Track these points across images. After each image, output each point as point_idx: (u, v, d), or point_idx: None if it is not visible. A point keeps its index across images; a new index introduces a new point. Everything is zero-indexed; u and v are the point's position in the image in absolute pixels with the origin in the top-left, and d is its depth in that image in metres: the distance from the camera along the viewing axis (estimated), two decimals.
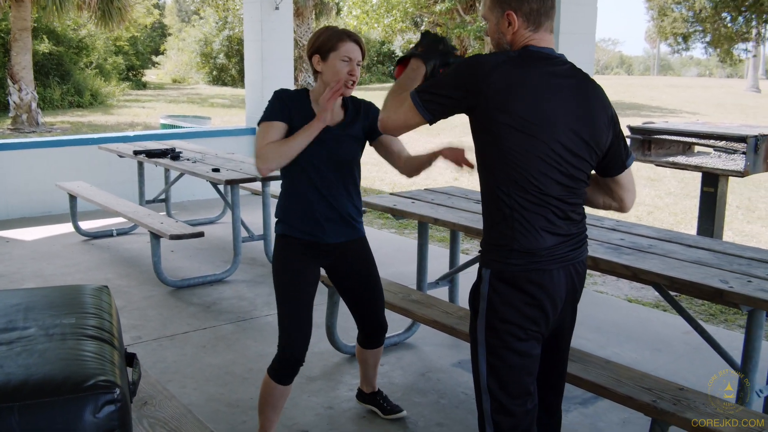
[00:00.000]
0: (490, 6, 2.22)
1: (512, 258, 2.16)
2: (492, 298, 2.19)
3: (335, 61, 2.78)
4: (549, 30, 2.21)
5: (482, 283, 2.23)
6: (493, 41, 2.25)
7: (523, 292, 2.17)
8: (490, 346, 2.22)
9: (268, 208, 5.79)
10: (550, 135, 2.10)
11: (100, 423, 1.32)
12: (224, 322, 4.67)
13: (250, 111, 8.94)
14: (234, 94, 29.66)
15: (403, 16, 29.02)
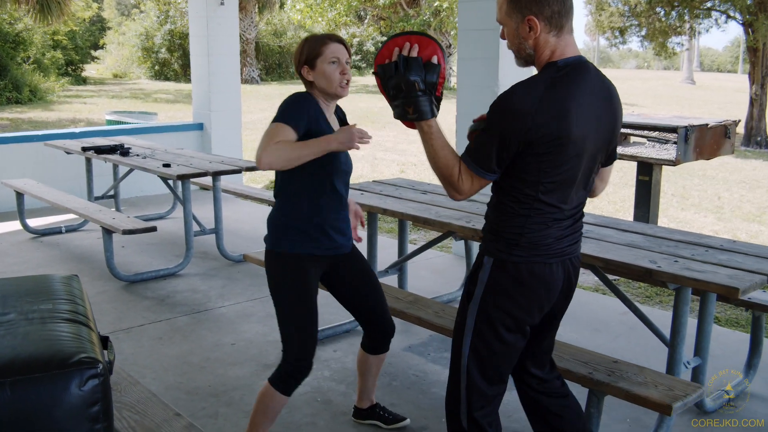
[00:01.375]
0: (507, 11, 2.20)
1: (517, 250, 2.22)
2: (490, 285, 2.26)
3: (324, 66, 2.74)
4: (570, 30, 2.22)
5: (482, 269, 2.29)
6: (513, 46, 2.25)
7: (522, 284, 2.24)
8: (478, 331, 2.29)
9: (219, 203, 5.87)
10: (584, 152, 2.18)
11: (85, 395, 1.45)
12: (179, 315, 4.75)
13: (197, 106, 8.97)
14: (178, 89, 29.34)
15: (347, 9, 29.09)
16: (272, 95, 27.44)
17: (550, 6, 2.14)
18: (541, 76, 2.16)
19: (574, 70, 2.16)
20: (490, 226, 2.32)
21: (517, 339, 2.32)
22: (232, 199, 8.16)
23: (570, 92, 2.13)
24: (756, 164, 13.88)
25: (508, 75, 5.57)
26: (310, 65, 2.77)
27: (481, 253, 2.33)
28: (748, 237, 7.88)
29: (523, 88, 2.14)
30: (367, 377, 3.28)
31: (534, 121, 2.08)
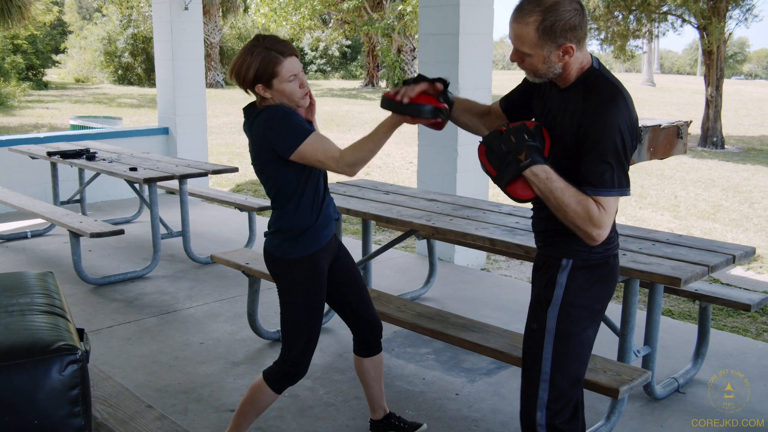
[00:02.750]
0: (537, 43, 2.18)
1: (596, 247, 2.27)
2: (571, 286, 2.29)
3: (282, 85, 2.62)
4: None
5: (560, 271, 2.31)
6: (538, 71, 2.25)
7: (602, 278, 2.32)
8: (561, 333, 2.30)
9: (186, 205, 5.95)
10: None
11: (65, 380, 1.55)
12: (147, 316, 4.83)
13: (162, 110, 9.01)
14: (142, 94, 29.17)
15: (311, 13, 29.19)
16: (237, 99, 27.40)
17: (582, 29, 2.19)
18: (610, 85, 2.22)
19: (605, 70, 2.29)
20: (558, 228, 2.30)
21: (595, 332, 2.38)
22: (199, 203, 8.22)
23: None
24: (712, 164, 14.26)
25: (469, 79, 5.74)
26: (266, 84, 2.63)
27: (555, 257, 2.33)
28: (702, 233, 8.14)
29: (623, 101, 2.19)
30: (371, 384, 3.18)
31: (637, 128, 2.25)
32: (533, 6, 2.17)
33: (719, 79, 16.83)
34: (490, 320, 4.64)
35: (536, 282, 2.41)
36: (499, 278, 5.91)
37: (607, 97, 2.17)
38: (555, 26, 2.14)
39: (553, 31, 2.15)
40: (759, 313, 5.31)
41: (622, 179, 2.17)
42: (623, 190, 2.18)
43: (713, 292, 3.92)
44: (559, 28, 2.15)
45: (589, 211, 2.15)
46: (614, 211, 2.19)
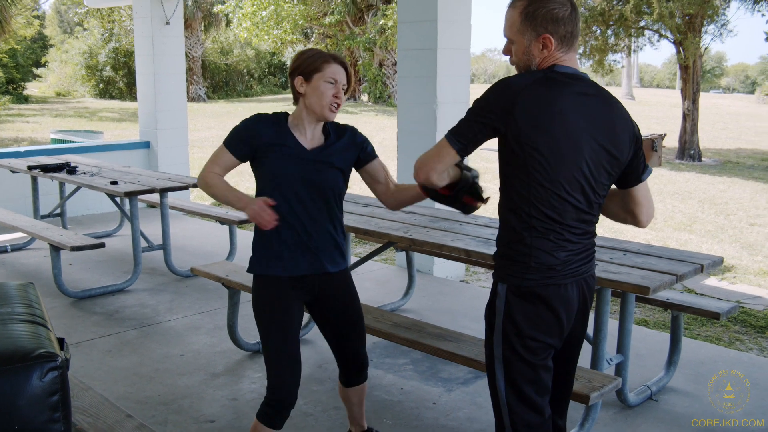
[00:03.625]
0: (520, 28, 2.18)
1: (529, 273, 2.19)
2: (508, 313, 2.21)
3: (320, 83, 2.66)
4: (575, 49, 2.24)
5: (497, 297, 2.25)
6: (520, 62, 2.23)
7: (539, 306, 2.20)
8: (507, 359, 2.24)
9: (167, 219, 5.98)
10: (577, 155, 2.13)
11: (46, 386, 1.60)
12: (128, 329, 4.85)
13: (144, 124, 9.04)
14: (123, 108, 29.12)
15: (293, 27, 29.30)
16: (219, 113, 27.43)
17: (565, 26, 2.16)
18: (535, 73, 2.18)
19: (569, 77, 2.16)
20: (499, 253, 2.30)
21: (545, 359, 2.27)
22: (180, 216, 8.24)
23: (557, 92, 2.12)
24: (689, 176, 14.45)
25: (447, 93, 5.83)
26: (306, 77, 2.68)
27: (494, 281, 2.30)
28: (678, 245, 8.26)
29: (517, 75, 2.18)
30: (351, 407, 3.17)
31: (515, 103, 2.09)
32: None
33: (696, 92, 17.09)
34: (467, 331, 4.69)
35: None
36: (477, 290, 5.98)
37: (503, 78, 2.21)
38: (537, 13, 2.15)
39: (535, 18, 2.15)
40: (732, 322, 5.41)
41: (459, 128, 2.19)
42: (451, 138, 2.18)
43: (685, 302, 4.01)
44: (541, 16, 2.14)
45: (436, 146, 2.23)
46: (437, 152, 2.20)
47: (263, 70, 43.68)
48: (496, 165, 2.43)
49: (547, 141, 2.09)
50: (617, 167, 2.24)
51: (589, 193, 2.19)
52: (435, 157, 2.20)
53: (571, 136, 2.11)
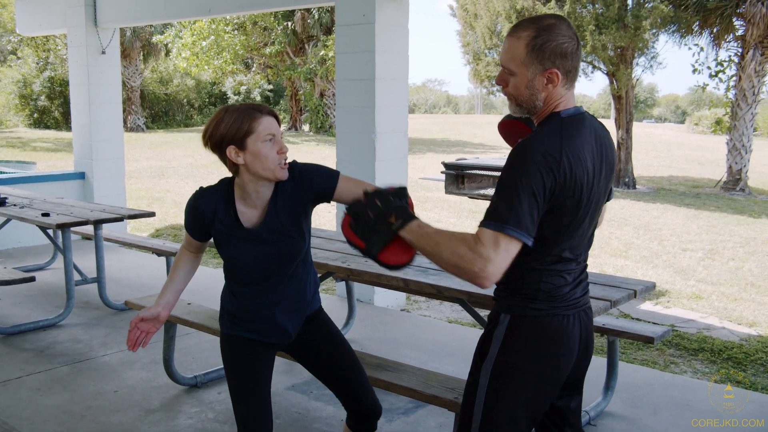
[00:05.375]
0: (524, 61, 2.08)
1: (536, 303, 2.14)
2: (507, 342, 2.15)
3: (258, 145, 2.35)
4: (575, 85, 2.17)
5: (498, 326, 2.18)
6: (520, 96, 2.13)
7: (542, 337, 2.14)
8: (493, 390, 2.17)
9: (101, 251, 5.83)
10: (593, 195, 2.12)
11: None
12: (59, 365, 4.69)
13: (78, 155, 8.85)
14: (59, 138, 28.50)
15: (233, 57, 29.19)
16: (158, 143, 27.08)
17: (572, 61, 2.08)
18: (552, 127, 2.08)
19: (577, 120, 2.10)
20: (503, 284, 2.19)
21: (534, 397, 2.19)
22: (117, 248, 8.07)
23: (581, 143, 2.07)
24: (624, 203, 14.80)
25: (385, 123, 5.87)
26: (239, 145, 2.36)
27: (495, 311, 2.22)
28: (614, 270, 8.43)
29: (539, 140, 2.04)
30: None
31: (560, 170, 1.99)
32: (529, 23, 2.10)
33: (629, 122, 17.59)
34: (408, 360, 4.69)
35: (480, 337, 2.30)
36: (418, 319, 5.99)
37: (524, 141, 2.05)
38: (545, 46, 2.05)
39: (543, 51, 2.05)
40: (666, 345, 5.53)
41: (507, 215, 1.95)
42: (506, 227, 1.94)
43: (620, 327, 4.08)
44: (549, 50, 2.05)
45: (467, 243, 1.96)
46: (500, 247, 1.93)
47: (203, 100, 43.37)
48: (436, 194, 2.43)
49: (578, 192, 2.05)
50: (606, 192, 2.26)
51: (591, 225, 2.21)
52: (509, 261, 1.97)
53: (590, 179, 2.08)
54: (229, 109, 2.41)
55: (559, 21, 2.10)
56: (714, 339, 5.77)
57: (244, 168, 2.40)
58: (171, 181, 16.87)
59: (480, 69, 19.07)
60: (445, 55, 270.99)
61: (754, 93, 17.51)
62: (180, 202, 13.46)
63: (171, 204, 13.17)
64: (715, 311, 6.77)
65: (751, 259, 9.44)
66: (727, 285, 7.92)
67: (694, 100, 67.39)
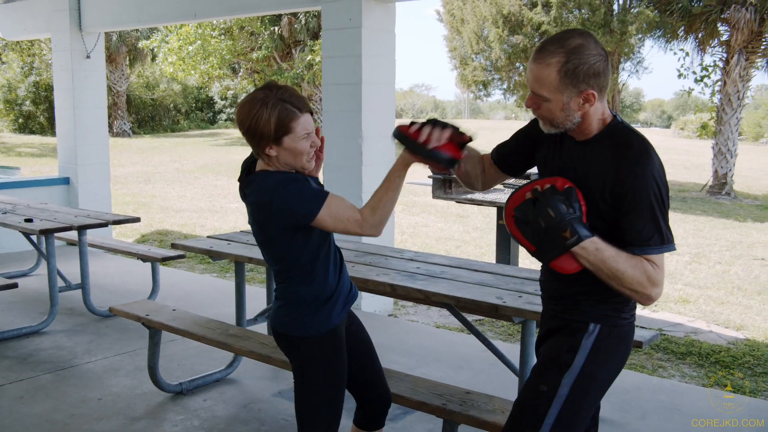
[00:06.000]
0: (558, 87, 2.05)
1: (625, 312, 2.16)
2: (595, 353, 2.12)
3: (295, 144, 2.38)
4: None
5: (586, 336, 2.14)
6: (555, 119, 2.12)
7: (625, 346, 2.18)
8: (572, 400, 2.12)
9: (85, 257, 5.78)
10: None
11: None
12: (42, 373, 4.63)
13: (63, 160, 8.77)
14: (44, 143, 28.30)
15: (220, 62, 29.10)
16: (144, 149, 26.96)
17: (605, 77, 2.08)
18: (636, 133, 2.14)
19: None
20: (586, 291, 2.17)
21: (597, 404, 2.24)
22: (102, 254, 8.00)
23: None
24: None
25: (372, 127, 5.84)
26: (275, 141, 2.37)
27: (580, 321, 2.17)
28: None
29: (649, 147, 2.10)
30: None
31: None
32: (556, 47, 2.04)
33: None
34: (396, 366, 4.65)
35: (553, 345, 2.22)
36: (406, 324, 5.96)
37: (638, 150, 2.07)
38: (578, 70, 2.02)
39: (576, 75, 2.02)
40: (654, 349, 5.52)
41: (668, 233, 2.06)
42: (671, 246, 2.07)
43: None
44: (583, 73, 2.02)
45: (646, 272, 2.03)
46: (664, 265, 2.08)
47: (190, 105, 43.26)
48: (423, 198, 2.41)
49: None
50: None
51: None
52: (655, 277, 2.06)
53: None
54: (269, 102, 2.35)
55: (586, 39, 2.05)
56: (702, 343, 5.78)
57: (275, 159, 2.42)
58: (157, 186, 16.78)
59: (467, 74, 19.09)
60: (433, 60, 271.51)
61: (739, 97, 17.61)
62: (166, 207, 13.38)
63: (157, 209, 13.09)
64: (703, 315, 6.78)
65: (738, 263, 9.47)
66: (714, 289, 7.94)
67: (679, 105, 67.77)
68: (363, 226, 2.40)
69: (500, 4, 17.51)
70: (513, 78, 17.38)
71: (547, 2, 17.05)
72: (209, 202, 14.23)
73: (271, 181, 2.40)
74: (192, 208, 13.48)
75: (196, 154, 24.84)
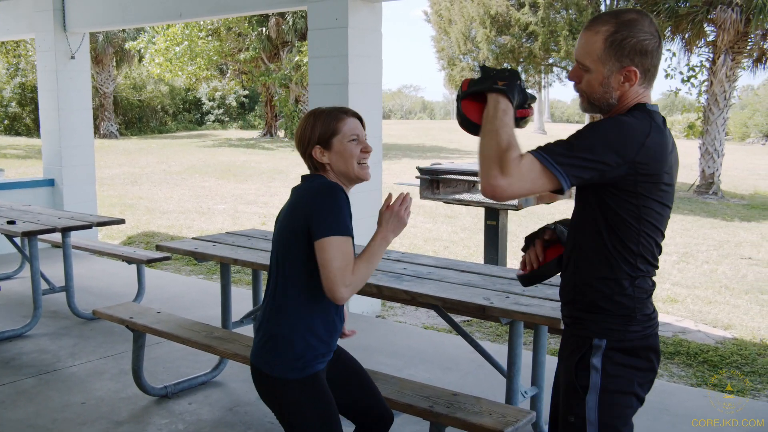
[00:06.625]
0: (601, 56, 1.96)
1: (633, 325, 2.01)
2: (609, 370, 2.00)
3: (343, 144, 2.39)
4: (653, 85, 2.06)
5: (594, 354, 2.01)
6: (594, 93, 2.01)
7: (642, 359, 2.03)
8: (605, 425, 2.02)
9: (69, 259, 5.71)
10: (672, 198, 2.02)
11: None
12: (25, 377, 4.57)
13: (48, 162, 8.69)
14: (30, 145, 28.10)
15: (207, 63, 29.01)
16: (131, 150, 26.82)
17: (652, 59, 1.97)
18: (638, 113, 1.97)
19: (661, 118, 2.00)
20: (590, 306, 2.05)
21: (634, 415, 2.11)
22: (87, 256, 7.92)
23: (666, 136, 1.97)
24: None
25: None
26: (324, 145, 2.40)
27: (583, 337, 2.05)
28: None
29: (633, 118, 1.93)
30: None
31: (642, 149, 1.88)
32: (609, 17, 1.98)
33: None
34: (383, 367, 4.62)
35: (565, 364, 2.12)
36: (393, 325, 5.92)
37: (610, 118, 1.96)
38: (625, 42, 1.94)
39: (622, 48, 1.94)
40: None
41: (557, 154, 1.86)
42: (546, 157, 1.86)
43: None
44: (629, 46, 1.94)
45: (509, 149, 1.85)
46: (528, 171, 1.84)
47: (178, 106, 43.09)
48: None
49: (662, 188, 1.95)
50: None
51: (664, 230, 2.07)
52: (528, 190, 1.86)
53: (673, 180, 2.00)
54: (316, 113, 2.45)
55: (641, 16, 1.98)
56: (690, 342, 5.77)
57: (329, 168, 2.43)
58: (144, 188, 16.68)
59: (455, 74, 19.09)
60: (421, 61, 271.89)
61: (726, 98, 17.69)
62: (153, 208, 13.30)
63: (144, 211, 13.00)
64: (691, 314, 6.79)
65: (725, 262, 9.49)
66: (702, 288, 7.95)
67: (666, 105, 68.14)
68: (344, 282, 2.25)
69: (488, 5, 17.51)
70: None
71: (534, 3, 17.07)
72: (196, 204, 14.16)
73: (320, 182, 2.38)
74: (179, 209, 13.41)
75: (183, 156, 24.72)
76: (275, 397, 2.40)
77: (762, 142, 40.18)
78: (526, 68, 17.16)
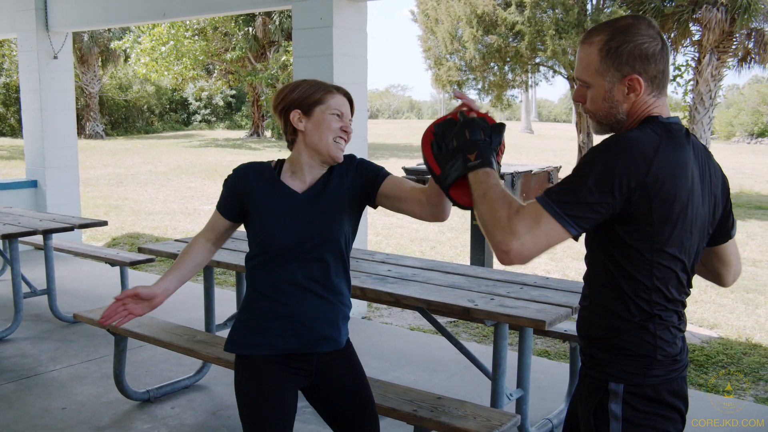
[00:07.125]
0: (599, 69, 1.80)
1: (654, 368, 1.80)
2: (631, 418, 1.80)
3: (324, 115, 2.24)
4: (666, 93, 1.86)
5: (612, 400, 1.81)
6: (599, 111, 1.84)
7: (667, 406, 1.82)
8: None
9: (51, 262, 5.65)
10: (696, 222, 1.80)
11: None
12: (4, 382, 4.50)
13: (30, 163, 8.61)
14: (14, 145, 27.91)
15: (193, 63, 28.89)
16: (117, 150, 26.66)
17: (656, 64, 1.79)
18: (649, 127, 1.77)
19: (679, 130, 1.80)
20: (603, 344, 1.85)
21: None
22: (71, 258, 7.85)
23: (680, 152, 1.76)
24: None
25: None
26: (305, 111, 2.25)
27: (599, 380, 1.85)
28: (577, 275, 8.42)
29: (639, 133, 1.74)
30: None
31: (648, 173, 1.68)
32: (604, 26, 1.83)
33: (589, 126, 17.72)
34: (368, 369, 4.56)
35: (582, 407, 1.91)
36: (379, 326, 5.89)
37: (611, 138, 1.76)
38: (621, 49, 1.77)
39: (619, 55, 1.77)
40: None
41: (562, 200, 1.67)
42: (555, 209, 1.67)
43: None
44: (626, 52, 1.77)
45: (509, 206, 1.69)
46: (539, 227, 1.66)
47: (164, 107, 42.90)
48: None
49: (678, 211, 1.73)
50: (713, 228, 1.92)
51: (696, 259, 1.87)
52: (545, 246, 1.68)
53: (694, 202, 1.78)
54: (308, 80, 2.32)
55: (638, 20, 1.82)
56: None
57: (301, 137, 2.27)
58: (129, 188, 16.57)
59: (442, 74, 19.09)
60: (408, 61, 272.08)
61: (711, 97, 17.76)
62: (138, 210, 13.21)
63: (129, 212, 12.91)
64: None
65: None
66: None
67: None
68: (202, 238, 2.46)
69: (474, 4, 17.51)
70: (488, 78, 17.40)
71: (521, 2, 17.08)
72: (182, 204, 14.07)
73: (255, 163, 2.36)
74: (164, 210, 13.32)
75: (169, 156, 24.60)
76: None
77: (747, 141, 40.44)
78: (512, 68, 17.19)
